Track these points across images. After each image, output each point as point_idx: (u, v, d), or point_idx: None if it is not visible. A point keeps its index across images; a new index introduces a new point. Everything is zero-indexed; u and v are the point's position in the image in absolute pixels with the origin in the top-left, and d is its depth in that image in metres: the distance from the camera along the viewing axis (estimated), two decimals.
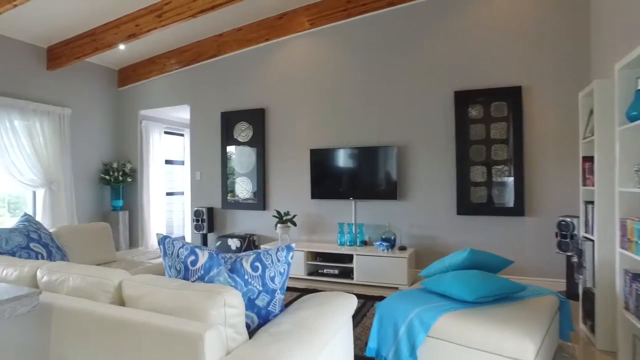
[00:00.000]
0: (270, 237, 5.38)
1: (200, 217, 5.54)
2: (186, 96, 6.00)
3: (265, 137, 5.45)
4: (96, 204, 6.05)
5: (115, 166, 6.07)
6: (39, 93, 5.33)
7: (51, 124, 5.34)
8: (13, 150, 4.94)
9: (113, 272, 1.73)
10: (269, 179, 5.44)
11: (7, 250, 2.51)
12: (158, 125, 6.71)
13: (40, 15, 4.63)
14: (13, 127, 4.96)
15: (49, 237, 2.83)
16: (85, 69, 5.89)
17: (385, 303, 2.36)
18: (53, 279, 1.83)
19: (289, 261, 1.81)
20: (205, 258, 1.67)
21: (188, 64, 5.89)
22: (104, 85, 6.26)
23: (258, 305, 1.69)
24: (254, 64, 5.52)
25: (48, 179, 5.23)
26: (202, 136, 5.90)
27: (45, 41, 5.33)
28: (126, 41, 4.97)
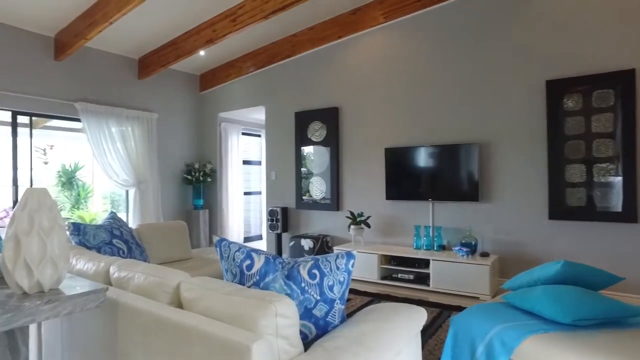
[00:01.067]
0: (344, 239, 5.27)
1: (274, 216, 5.60)
2: (261, 97, 6.12)
3: (339, 136, 5.35)
4: (179, 202, 6.41)
5: (197, 167, 6.38)
6: (131, 100, 5.77)
7: (141, 129, 5.75)
8: (110, 154, 5.39)
9: (172, 273, 1.73)
10: (343, 179, 5.33)
11: (94, 245, 2.68)
12: (236, 126, 6.94)
13: (131, 29, 4.99)
14: (110, 132, 5.41)
15: (129, 234, 2.99)
16: (170, 76, 6.27)
17: (462, 317, 2.11)
18: (122, 275, 1.89)
19: (350, 269, 1.66)
20: (261, 263, 1.59)
21: (263, 65, 5.99)
22: (187, 90, 6.61)
23: (315, 315, 1.57)
24: (327, 63, 5.45)
25: (138, 179, 5.64)
26: (276, 137, 5.97)
27: (136, 52, 5.75)
28: (205, 47, 5.17)
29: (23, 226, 1.49)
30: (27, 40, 4.83)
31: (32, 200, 1.52)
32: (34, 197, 1.53)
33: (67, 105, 5.10)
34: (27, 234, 1.49)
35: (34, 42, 4.89)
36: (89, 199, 8.52)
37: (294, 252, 5.21)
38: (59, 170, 8.17)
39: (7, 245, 1.49)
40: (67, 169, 8.14)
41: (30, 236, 1.49)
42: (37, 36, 4.90)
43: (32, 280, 1.50)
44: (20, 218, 1.50)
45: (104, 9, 4.31)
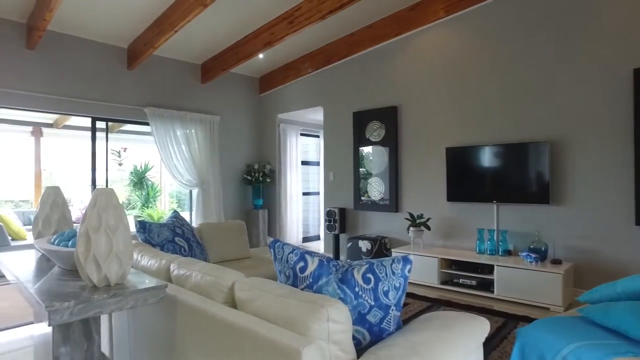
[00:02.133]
0: (403, 241, 5.13)
1: (332, 217, 5.59)
2: (319, 98, 6.13)
3: (398, 136, 5.22)
4: (239, 202, 6.60)
5: (257, 167, 6.54)
6: (194, 104, 6.04)
7: (203, 131, 6.00)
8: (175, 156, 5.67)
9: (227, 273, 1.75)
10: (402, 180, 5.20)
11: (157, 242, 2.82)
12: (295, 127, 7.02)
13: (194, 36, 5.21)
14: (176, 135, 5.70)
15: (190, 232, 3.11)
16: (230, 79, 6.48)
17: (531, 330, 1.95)
18: (180, 273, 1.95)
19: (406, 275, 1.59)
20: (314, 265, 1.56)
21: (321, 66, 6.01)
22: (247, 93, 6.80)
23: (369, 321, 1.52)
24: (386, 61, 5.35)
25: (201, 179, 5.88)
26: (334, 137, 5.96)
27: (199, 58, 6.01)
28: (263, 49, 5.27)
29: (92, 223, 1.58)
30: (105, 52, 5.22)
31: (100, 200, 1.61)
32: (102, 197, 1.62)
33: (137, 111, 5.44)
34: (96, 231, 1.58)
35: (110, 53, 5.27)
36: (157, 198, 9.06)
37: (352, 254, 5.16)
38: (131, 171, 8.77)
39: (80, 241, 1.59)
40: (138, 170, 8.72)
41: (98, 233, 1.58)
42: (112, 48, 5.28)
43: (100, 275, 1.59)
44: (91, 216, 1.59)
45: (170, 19, 4.54)
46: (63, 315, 1.43)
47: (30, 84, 4.70)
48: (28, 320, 3.27)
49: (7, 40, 4.56)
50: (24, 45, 4.67)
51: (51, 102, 4.86)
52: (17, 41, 4.62)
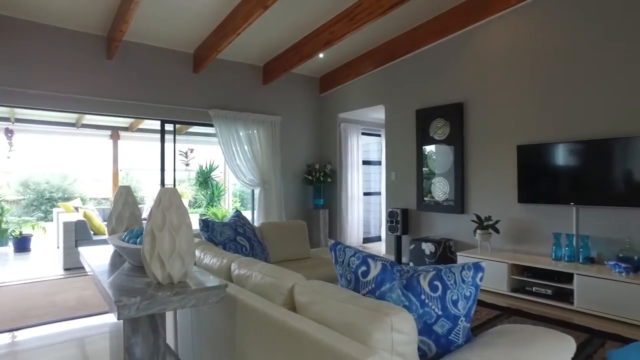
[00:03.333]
0: (469, 244, 4.86)
1: (394, 218, 5.44)
2: (381, 96, 6.00)
3: (464, 133, 4.95)
4: (300, 201, 6.64)
5: (317, 167, 6.54)
6: (256, 105, 6.16)
7: (265, 131, 6.10)
8: (238, 156, 5.82)
9: (287, 275, 1.72)
10: (468, 180, 4.93)
11: (220, 241, 2.87)
12: (356, 127, 6.94)
13: (256, 38, 5.31)
14: (238, 136, 5.85)
15: (252, 232, 3.14)
16: (291, 80, 6.54)
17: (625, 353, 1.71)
18: (241, 273, 1.95)
19: (478, 284, 1.45)
20: (377, 270, 1.48)
21: (382, 63, 5.87)
22: (308, 93, 6.82)
23: (436, 332, 1.41)
24: (451, 55, 5.10)
25: (262, 179, 5.98)
26: (396, 136, 5.79)
27: (261, 60, 6.12)
28: (323, 48, 5.25)
29: (157, 222, 1.62)
30: (173, 58, 5.47)
31: (164, 199, 1.64)
32: (166, 196, 1.65)
33: (202, 113, 5.65)
34: (160, 230, 1.61)
35: (178, 59, 5.52)
36: (221, 197, 9.40)
37: (414, 256, 4.98)
38: (197, 171, 9.18)
39: (146, 239, 1.63)
40: (204, 170, 9.10)
41: (162, 232, 1.61)
42: (180, 54, 5.53)
43: (164, 272, 1.62)
44: (155, 215, 1.63)
45: (232, 22, 4.65)
46: (130, 311, 1.48)
47: (109, 91, 5.05)
48: (105, 309, 3.50)
49: (91, 53, 4.93)
50: (104, 56, 5.01)
51: (126, 107, 5.18)
52: (98, 53, 4.98)
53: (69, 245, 5.42)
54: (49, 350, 2.86)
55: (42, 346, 2.91)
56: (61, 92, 4.78)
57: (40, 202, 12.46)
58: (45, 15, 4.54)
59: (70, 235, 5.43)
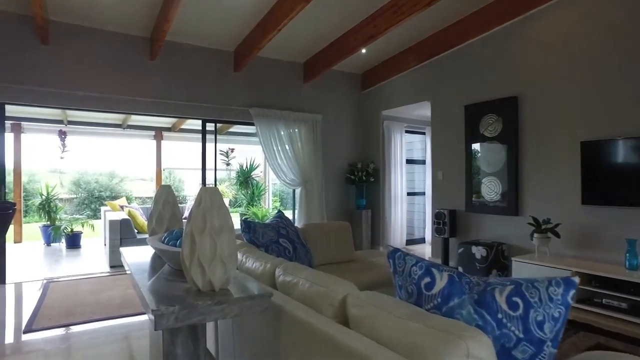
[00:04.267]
0: (524, 249, 4.51)
1: (441, 219, 5.15)
2: (426, 92, 5.72)
3: (519, 129, 4.61)
4: (342, 202, 6.46)
5: (359, 166, 6.34)
6: (297, 103, 6.04)
7: (306, 130, 5.97)
8: (279, 155, 5.73)
9: (338, 284, 1.55)
10: (523, 179, 4.58)
11: (262, 243, 2.75)
12: (399, 124, 6.68)
13: (296, 35, 5.18)
14: (279, 135, 5.75)
15: (295, 233, 3.00)
16: (332, 77, 6.37)
17: None
18: (286, 280, 1.80)
19: (569, 302, 1.22)
20: (444, 282, 1.28)
21: (427, 58, 5.60)
22: (349, 90, 6.63)
23: (516, 358, 1.19)
24: (502, 46, 4.76)
25: (304, 179, 5.86)
26: (443, 133, 5.50)
27: (302, 57, 5.99)
28: (366, 44, 5.06)
29: (198, 224, 1.49)
30: (214, 57, 5.45)
31: (205, 199, 1.51)
32: (207, 196, 1.52)
33: (243, 111, 5.59)
34: (200, 233, 1.48)
35: (219, 57, 5.49)
36: (261, 197, 9.38)
37: (463, 260, 4.69)
38: (237, 170, 9.20)
39: (185, 242, 1.51)
40: (244, 169, 9.10)
41: (203, 235, 1.48)
42: (221, 52, 5.49)
43: (205, 279, 1.50)
44: (196, 216, 1.50)
45: (273, 18, 4.55)
46: (169, 320, 1.36)
47: (152, 91, 5.08)
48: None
49: (135, 54, 4.98)
50: (147, 57, 5.05)
51: (168, 107, 5.20)
52: (142, 54, 5.02)
53: (114, 243, 5.52)
54: (92, 348, 2.84)
55: (85, 344, 2.90)
56: (107, 93, 4.85)
57: (90, 201, 13.00)
58: (92, 19, 4.61)
59: (115, 234, 5.53)
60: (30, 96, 4.54)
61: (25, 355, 2.76)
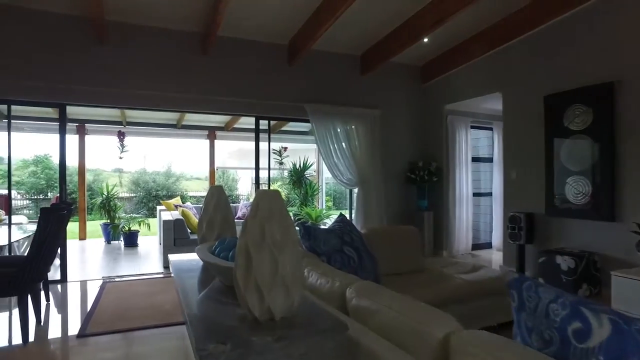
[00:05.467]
0: (622, 260, 3.86)
1: (517, 224, 4.58)
2: (497, 83, 5.15)
3: (615, 121, 3.96)
4: (402, 203, 6.01)
5: (421, 165, 5.87)
6: (354, 98, 5.68)
7: (364, 126, 5.59)
8: (336, 153, 5.40)
9: (434, 317, 1.18)
10: (620, 180, 3.93)
11: (324, 251, 2.43)
12: (464, 119, 6.14)
13: (353, 24, 4.81)
14: (336, 132, 5.42)
15: (359, 240, 2.65)
16: (391, 70, 5.93)
17: None
18: (362, 305, 1.45)
19: None
20: (606, 331, 0.87)
21: (498, 44, 5.03)
22: (409, 84, 6.17)
23: None
24: (593, 24, 4.13)
25: (361, 178, 5.49)
26: (518, 127, 4.92)
27: (358, 48, 5.62)
28: (431, 30, 4.60)
29: (254, 237, 1.18)
30: (267, 51, 5.21)
31: (263, 206, 1.20)
32: (265, 202, 1.20)
33: (298, 108, 5.30)
34: (257, 248, 1.17)
35: (272, 51, 5.24)
36: (315, 197, 9.11)
37: (545, 272, 4.12)
38: (290, 169, 8.98)
39: (239, 259, 1.21)
40: (297, 168, 8.87)
41: (261, 251, 1.17)
42: (274, 46, 5.25)
43: (263, 306, 1.19)
44: (251, 227, 1.19)
45: (329, 7, 4.22)
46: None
47: (205, 89, 4.93)
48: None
49: (187, 51, 4.85)
50: (200, 53, 4.90)
51: (221, 104, 5.03)
52: (194, 50, 4.88)
53: (168, 243, 5.45)
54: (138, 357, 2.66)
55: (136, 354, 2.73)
56: (161, 92, 4.75)
57: (148, 199, 13.40)
58: (146, 16, 4.52)
59: (169, 234, 5.45)
60: (88, 97, 4.53)
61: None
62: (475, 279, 2.96)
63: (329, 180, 10.54)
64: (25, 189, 13.08)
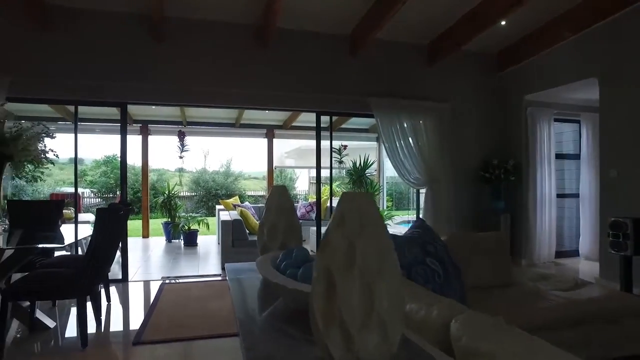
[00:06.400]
0: None
1: (621, 231, 3.91)
2: (592, 67, 4.48)
3: None
4: (474, 205, 5.45)
5: (496, 163, 5.28)
6: (421, 90, 5.23)
7: (432, 121, 5.12)
8: (402, 151, 4.99)
9: None
10: None
11: (404, 263, 2.06)
12: (546, 111, 5.47)
13: (420, 9, 4.38)
14: (402, 127, 5.01)
15: (443, 250, 2.25)
16: (462, 59, 5.40)
17: None
18: (473, 347, 1.08)
19: None
20: None
21: (591, 24, 4.37)
22: (482, 73, 5.60)
23: None
24: None
25: (430, 177, 5.03)
26: (620, 118, 4.23)
27: (426, 36, 5.16)
28: (510, 11, 4.07)
29: (340, 258, 0.85)
30: (327, 42, 4.91)
31: (350, 215, 0.86)
32: (353, 210, 0.86)
33: (361, 102, 4.95)
34: (345, 273, 0.84)
35: (333, 42, 4.93)
36: (376, 197, 8.68)
37: None
38: (350, 168, 8.62)
39: (318, 286, 0.88)
40: (357, 167, 8.50)
41: (349, 278, 0.84)
42: (335, 37, 4.93)
43: (350, 351, 0.85)
44: (336, 244, 0.86)
45: None
46: None
47: (264, 84, 4.72)
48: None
49: (245, 45, 4.67)
50: (258, 46, 4.69)
51: (281, 100, 4.81)
52: (252, 44, 4.68)
53: (227, 244, 5.32)
54: None
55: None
56: (219, 87, 4.61)
57: (207, 199, 13.64)
58: (204, 9, 4.39)
59: (227, 234, 5.32)
60: (148, 95, 4.50)
61: None
62: (584, 299, 2.44)
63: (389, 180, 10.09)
64: (97, 187, 13.83)
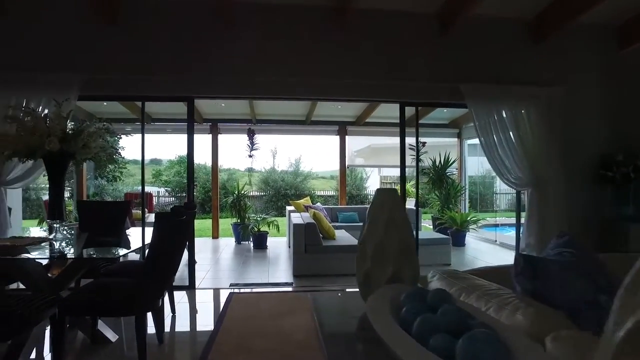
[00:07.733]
0: None
1: None
2: None
3: None
4: (592, 212, 4.49)
5: (621, 159, 4.32)
6: (524, 74, 4.41)
7: (537, 110, 4.29)
8: (501, 145, 4.23)
9: None
10: None
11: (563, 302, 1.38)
12: None
13: None
14: (500, 118, 4.24)
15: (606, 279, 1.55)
16: (575, 34, 4.49)
17: None
18: None
19: None
20: None
21: None
22: (600, 51, 4.63)
23: None
24: None
25: (535, 177, 4.21)
26: None
27: (531, 9, 4.34)
28: None
29: None
30: (412, 21, 4.28)
31: None
32: None
33: (451, 89, 4.26)
34: None
35: (419, 21, 4.29)
36: (458, 198, 7.86)
37: None
38: (429, 167, 7.88)
39: None
40: (437, 165, 7.73)
41: None
42: (419, 15, 4.28)
43: None
44: None
45: None
46: None
47: (340, 71, 4.20)
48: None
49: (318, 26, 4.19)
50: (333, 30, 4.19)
51: (357, 90, 4.27)
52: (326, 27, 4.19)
53: (299, 249, 4.89)
54: None
55: None
56: (291, 77, 4.17)
57: (277, 199, 13.48)
58: None
59: (299, 239, 4.90)
60: (215, 88, 4.20)
61: None
62: None
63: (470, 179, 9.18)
64: (171, 187, 14.23)
